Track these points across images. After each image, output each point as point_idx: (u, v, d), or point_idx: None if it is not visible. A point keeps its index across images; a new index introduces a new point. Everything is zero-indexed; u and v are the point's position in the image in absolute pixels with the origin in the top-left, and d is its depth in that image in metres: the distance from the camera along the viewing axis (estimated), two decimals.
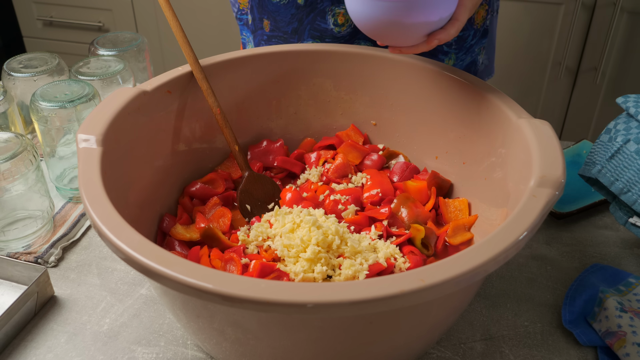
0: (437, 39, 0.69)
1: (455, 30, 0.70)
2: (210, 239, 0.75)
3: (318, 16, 0.95)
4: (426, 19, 0.67)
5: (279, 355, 0.59)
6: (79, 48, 2.34)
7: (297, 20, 0.96)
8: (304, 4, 0.94)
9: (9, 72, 1.00)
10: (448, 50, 0.99)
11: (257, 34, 1.03)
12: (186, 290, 0.49)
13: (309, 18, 0.96)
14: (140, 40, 1.11)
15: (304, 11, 0.95)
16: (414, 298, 0.48)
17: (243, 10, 1.07)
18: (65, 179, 0.94)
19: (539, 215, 0.55)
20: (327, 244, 0.70)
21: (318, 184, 0.84)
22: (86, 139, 0.65)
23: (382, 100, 0.88)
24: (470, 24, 0.99)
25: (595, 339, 0.71)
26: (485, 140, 0.76)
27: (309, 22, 0.96)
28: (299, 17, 0.96)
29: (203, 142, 0.85)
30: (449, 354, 0.71)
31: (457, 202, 0.80)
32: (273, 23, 0.99)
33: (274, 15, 0.98)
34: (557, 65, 1.94)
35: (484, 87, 0.75)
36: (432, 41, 0.70)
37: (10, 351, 0.70)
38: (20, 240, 0.83)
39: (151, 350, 0.71)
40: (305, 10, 0.95)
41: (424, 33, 0.69)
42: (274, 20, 0.98)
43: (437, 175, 0.82)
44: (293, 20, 0.97)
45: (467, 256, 0.51)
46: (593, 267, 0.81)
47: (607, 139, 0.77)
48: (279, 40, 1.00)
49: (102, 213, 0.56)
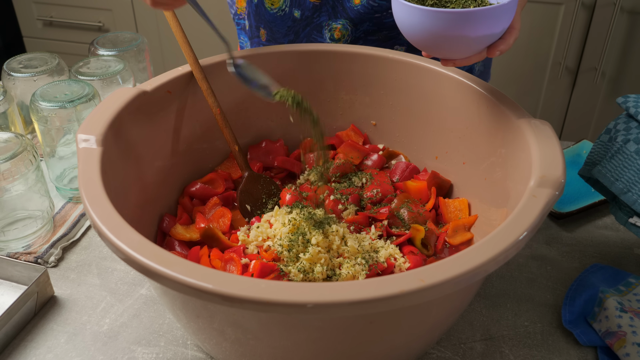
0: (499, 50, 0.66)
1: (513, 39, 0.67)
2: (210, 239, 0.75)
3: (314, 30, 0.95)
4: (490, 31, 0.63)
5: (279, 355, 0.59)
6: (79, 48, 2.34)
7: (293, 33, 0.96)
8: (300, 17, 0.94)
9: (9, 72, 1.00)
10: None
11: (254, 42, 1.03)
12: (186, 290, 0.49)
13: (305, 32, 0.95)
14: (140, 40, 1.11)
15: (300, 24, 0.95)
16: (414, 298, 0.48)
17: (240, 15, 1.07)
18: (65, 179, 0.94)
19: (539, 216, 0.55)
20: (327, 244, 0.70)
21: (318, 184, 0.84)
22: (86, 139, 0.65)
23: (382, 100, 0.88)
24: None
25: (595, 339, 0.71)
26: (485, 140, 0.76)
27: (305, 35, 0.96)
28: (295, 30, 0.96)
29: (203, 142, 0.85)
30: (449, 354, 0.71)
31: (457, 202, 0.80)
32: (269, 33, 0.99)
33: (270, 25, 0.98)
34: (557, 65, 1.94)
35: (484, 87, 0.75)
36: (493, 52, 0.66)
37: (10, 351, 0.70)
38: (20, 240, 0.83)
39: (151, 350, 0.71)
40: (302, 23, 0.95)
41: (485, 45, 0.65)
42: (271, 30, 0.98)
43: (437, 176, 0.82)
44: (289, 33, 0.96)
45: (467, 256, 0.51)
46: (593, 267, 0.81)
47: (607, 139, 0.77)
48: None
49: (102, 213, 0.56)
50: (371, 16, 0.92)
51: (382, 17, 0.92)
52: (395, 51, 0.84)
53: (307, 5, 0.93)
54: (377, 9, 0.91)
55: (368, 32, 0.94)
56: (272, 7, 0.95)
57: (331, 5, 0.92)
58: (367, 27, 0.93)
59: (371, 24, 0.93)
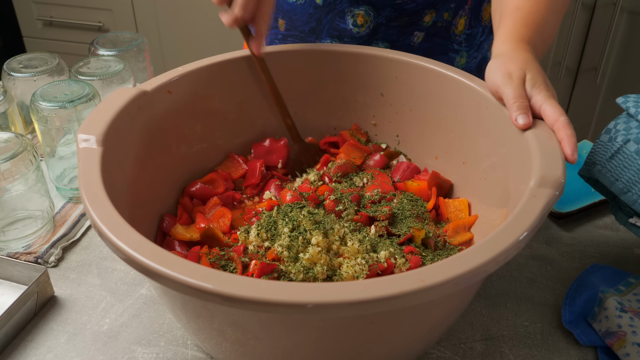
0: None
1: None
2: (210, 239, 0.75)
3: (337, 16, 0.95)
4: None
5: (279, 355, 0.59)
6: (79, 48, 2.34)
7: (315, 20, 0.96)
8: (323, 4, 0.94)
9: (9, 72, 1.00)
10: (459, 49, 1.00)
11: (271, 33, 1.02)
12: (186, 290, 0.49)
13: (327, 18, 0.95)
14: (140, 40, 1.11)
15: (323, 11, 0.95)
16: (414, 298, 0.48)
17: None
18: (65, 179, 0.94)
19: (539, 216, 0.55)
20: (327, 244, 0.70)
21: (318, 183, 0.84)
22: (86, 139, 0.65)
23: (382, 100, 0.88)
24: (479, 21, 0.99)
25: (595, 339, 0.71)
26: (485, 140, 0.76)
27: (328, 21, 0.96)
28: (317, 16, 0.96)
29: (203, 142, 0.85)
30: (449, 354, 0.71)
31: (457, 202, 0.80)
32: (289, 22, 0.99)
33: (289, 15, 0.97)
34: (557, 65, 1.94)
35: (484, 87, 0.75)
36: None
37: (10, 351, 0.70)
38: (20, 240, 0.83)
39: (151, 350, 0.71)
40: (324, 10, 0.95)
41: None
42: (290, 20, 0.98)
43: (437, 176, 0.82)
44: (311, 20, 0.96)
45: (467, 256, 0.51)
46: (593, 267, 0.81)
47: (607, 139, 0.76)
48: (295, 39, 1.00)
49: (102, 213, 0.56)
50: (393, 1, 0.92)
51: (403, 3, 0.92)
52: (395, 51, 0.84)
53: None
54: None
55: (390, 18, 0.94)
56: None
57: None
58: (389, 12, 0.94)
59: (392, 9, 0.93)
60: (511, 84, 0.67)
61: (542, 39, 0.74)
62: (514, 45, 0.70)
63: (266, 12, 0.80)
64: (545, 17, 0.74)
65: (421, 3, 0.93)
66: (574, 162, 0.62)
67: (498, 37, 0.73)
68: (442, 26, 0.96)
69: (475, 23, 0.99)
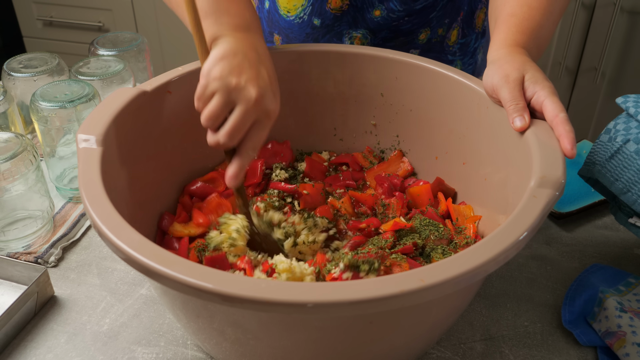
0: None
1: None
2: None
3: (334, 37, 0.95)
4: None
5: (279, 355, 0.59)
6: (79, 48, 2.34)
7: (312, 39, 0.96)
8: (321, 25, 0.94)
9: (9, 72, 1.00)
10: (453, 59, 1.00)
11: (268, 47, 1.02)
12: (186, 290, 0.49)
13: (324, 38, 0.95)
14: (140, 40, 1.11)
15: (320, 32, 0.95)
16: (414, 298, 0.48)
17: None
18: (65, 179, 0.94)
19: (539, 216, 0.55)
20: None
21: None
22: (86, 139, 0.65)
23: (382, 100, 0.88)
24: (472, 29, 0.99)
25: (595, 339, 0.71)
26: (485, 140, 0.76)
27: (325, 41, 0.96)
28: (315, 36, 0.96)
29: (203, 142, 0.85)
30: (449, 354, 0.71)
31: (462, 208, 0.80)
32: (285, 39, 0.98)
33: (286, 32, 0.97)
34: (557, 65, 1.94)
35: (484, 87, 0.75)
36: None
37: (10, 351, 0.70)
38: (20, 240, 0.83)
39: (151, 350, 0.71)
40: (322, 31, 0.94)
41: None
42: (287, 37, 0.98)
43: (441, 182, 0.82)
44: (308, 39, 0.96)
45: (467, 256, 0.51)
46: (593, 267, 0.81)
47: (607, 139, 0.76)
48: None
49: (102, 213, 0.56)
50: (389, 25, 0.93)
51: (399, 24, 0.93)
52: (395, 51, 0.84)
53: (327, 15, 0.93)
54: (395, 19, 0.92)
55: (386, 39, 0.95)
56: (289, 15, 0.95)
57: (352, 16, 0.93)
58: (385, 34, 0.94)
59: (388, 31, 0.94)
60: (507, 86, 0.67)
61: (537, 44, 0.74)
62: (509, 50, 0.71)
63: (253, 146, 0.68)
64: (541, 23, 0.74)
65: (416, 23, 0.93)
66: (573, 156, 0.62)
67: (493, 44, 0.73)
68: (437, 41, 0.96)
69: (468, 31, 0.99)
